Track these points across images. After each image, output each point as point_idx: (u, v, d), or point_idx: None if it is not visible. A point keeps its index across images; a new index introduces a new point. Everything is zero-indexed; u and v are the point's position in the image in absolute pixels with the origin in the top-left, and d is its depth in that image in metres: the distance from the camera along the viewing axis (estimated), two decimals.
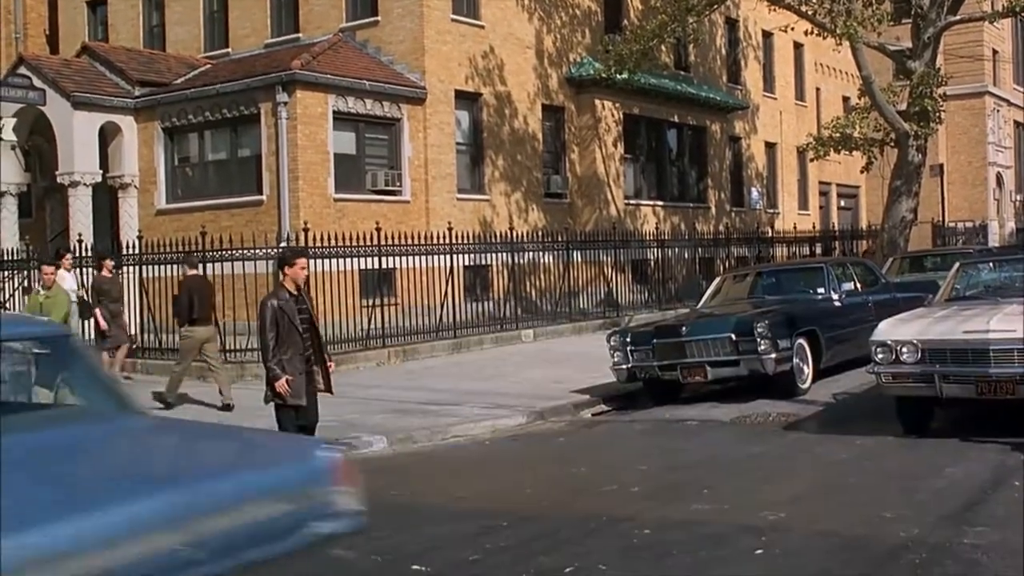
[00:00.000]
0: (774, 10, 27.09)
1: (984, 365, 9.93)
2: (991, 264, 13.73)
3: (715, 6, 25.40)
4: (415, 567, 7.05)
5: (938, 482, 8.76)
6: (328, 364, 9.71)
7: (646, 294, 28.04)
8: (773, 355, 13.37)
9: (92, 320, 17.16)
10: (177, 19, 29.55)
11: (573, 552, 7.18)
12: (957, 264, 12.96)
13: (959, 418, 11.39)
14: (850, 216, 46.82)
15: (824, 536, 7.29)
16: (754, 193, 36.95)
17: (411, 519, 8.53)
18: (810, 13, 25.00)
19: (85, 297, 17.66)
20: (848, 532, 7.34)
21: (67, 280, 17.17)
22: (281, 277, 9.56)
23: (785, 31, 31.34)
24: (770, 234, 33.71)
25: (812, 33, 25.75)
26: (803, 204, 41.25)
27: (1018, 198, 57.19)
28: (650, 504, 8.52)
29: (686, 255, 30.42)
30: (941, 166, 47.63)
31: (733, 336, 13.65)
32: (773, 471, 9.94)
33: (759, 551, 6.96)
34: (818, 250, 35.48)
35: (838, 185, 45.74)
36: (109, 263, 17.81)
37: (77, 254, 20.07)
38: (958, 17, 26.03)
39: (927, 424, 11.01)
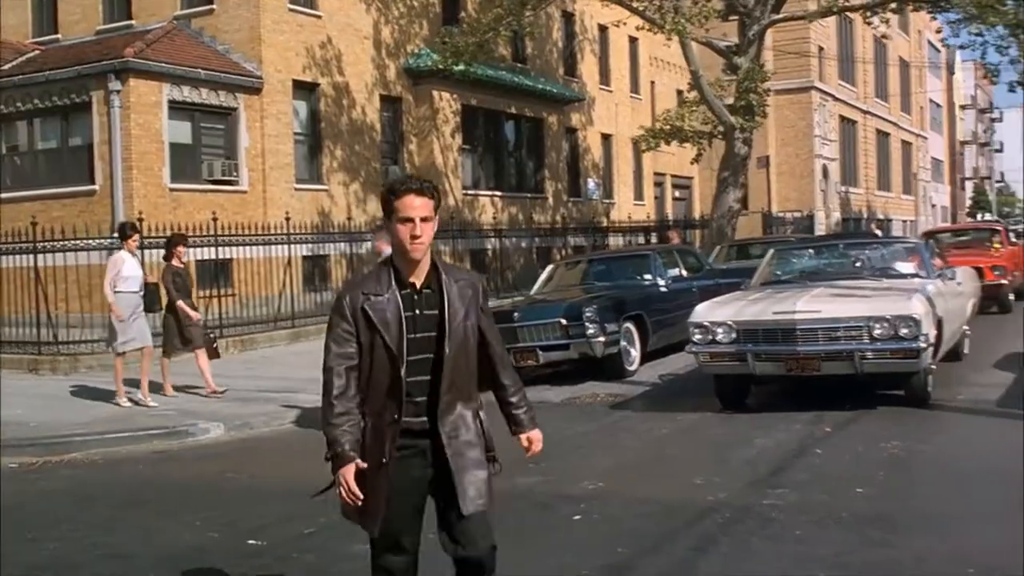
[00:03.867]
0: (608, 5, 27.78)
1: (792, 344, 10.61)
2: (803, 251, 14.54)
3: (549, 0, 25.92)
4: (251, 542, 7.26)
5: (749, 451, 9.37)
6: None
7: (485, 283, 28.42)
8: (601, 339, 13.92)
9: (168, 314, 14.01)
10: (6, 4, 28.71)
11: None
12: (771, 251, 13.72)
13: (773, 393, 12.13)
14: (684, 206, 48.24)
15: (641, 502, 7.77)
16: (591, 184, 37.78)
17: (247, 499, 8.74)
18: (640, 8, 25.76)
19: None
20: (663, 498, 7.85)
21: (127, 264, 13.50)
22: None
23: (618, 26, 32.12)
24: (605, 224, 34.53)
25: (644, 28, 26.53)
26: (638, 194, 42.33)
27: (843, 189, 59.59)
28: None
29: (524, 245, 31.00)
30: (767, 158, 49.29)
31: (563, 321, 14.15)
32: (598, 446, 10.43)
33: (577, 516, 7.44)
34: (653, 239, 36.51)
35: (672, 176, 47.01)
36: (181, 249, 14.18)
37: None
38: (781, 16, 27.18)
39: (743, 400, 11.69)
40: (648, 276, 16.26)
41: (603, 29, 38.65)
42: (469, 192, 30.90)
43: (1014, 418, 10.44)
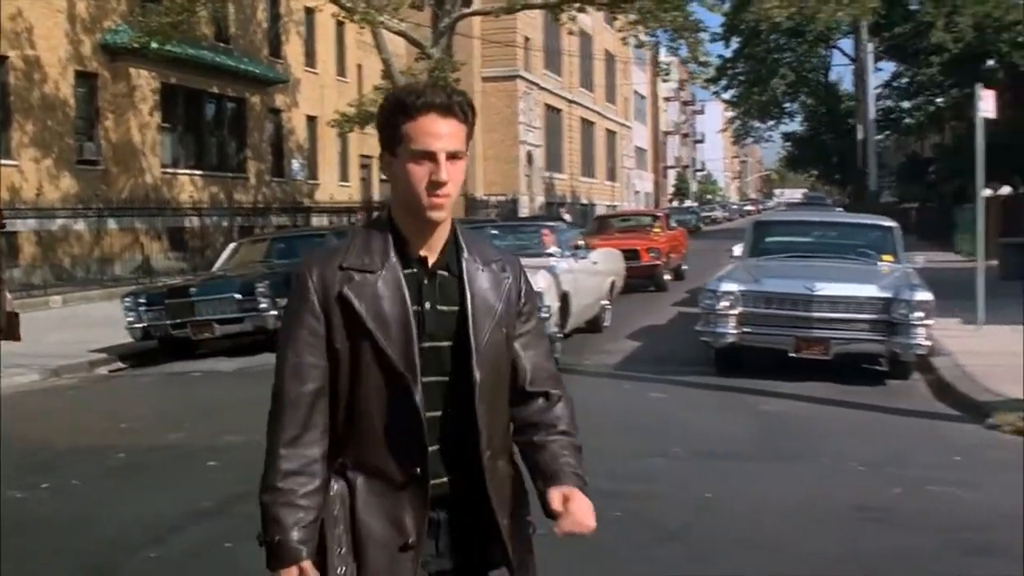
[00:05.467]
0: None
1: None
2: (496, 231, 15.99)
3: None
4: None
5: None
6: None
7: (184, 261, 28.79)
8: (273, 312, 14.86)
9: None
10: None
11: (62, 475, 8.31)
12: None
13: None
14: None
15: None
16: (295, 164, 38.38)
17: None
18: None
19: None
20: None
21: None
22: None
23: (320, 10, 32.85)
24: (308, 204, 35.30)
25: (339, 15, 27.45)
26: (344, 176, 43.20)
27: (548, 175, 62.37)
28: (133, 437, 9.77)
29: (225, 224, 31.38)
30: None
31: (238, 296, 15.04)
32: (254, 406, 11.39)
33: (213, 463, 8.45)
34: (357, 219, 37.54)
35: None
36: None
37: None
38: (470, 10, 28.75)
39: None
40: None
41: (310, 11, 39.23)
42: (168, 170, 30.93)
43: (620, 379, 12.15)
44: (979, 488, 7.31)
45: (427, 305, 2.56)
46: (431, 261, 2.59)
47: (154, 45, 26.10)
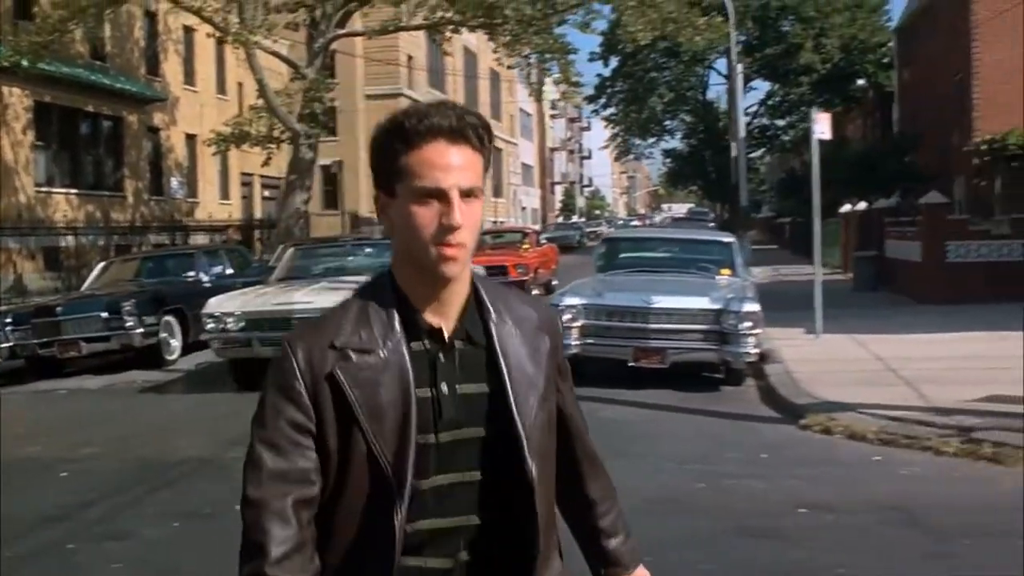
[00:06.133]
0: (176, 10, 28.46)
1: (289, 330, 12.36)
2: (319, 250, 16.44)
3: (117, 4, 26.44)
4: None
5: (242, 423, 11.00)
6: None
7: (59, 280, 28.66)
8: (140, 330, 15.19)
9: None
10: None
11: None
12: (291, 249, 15.50)
13: None
14: (275, 205, 49.49)
15: (125, 461, 9.25)
16: (174, 183, 38.28)
17: None
18: (208, 16, 26.68)
19: None
20: (144, 455, 9.38)
21: None
22: None
23: (197, 29, 32.93)
24: (186, 223, 35.31)
25: (213, 36, 27.67)
26: (224, 194, 43.19)
27: None
28: None
29: (101, 243, 31.26)
30: (340, 163, 51.92)
31: (104, 314, 15.32)
32: (111, 421, 11.78)
33: (65, 473, 8.84)
34: (227, 237, 37.62)
35: (262, 176, 48.12)
36: None
37: None
38: (345, 31, 29.14)
39: (259, 380, 13.28)
40: (192, 273, 17.63)
41: (188, 30, 39.19)
42: (43, 189, 30.69)
43: None
44: (772, 480, 8.04)
45: (443, 387, 2.03)
46: (447, 330, 2.06)
47: (25, 64, 25.96)
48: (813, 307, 15.92)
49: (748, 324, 11.88)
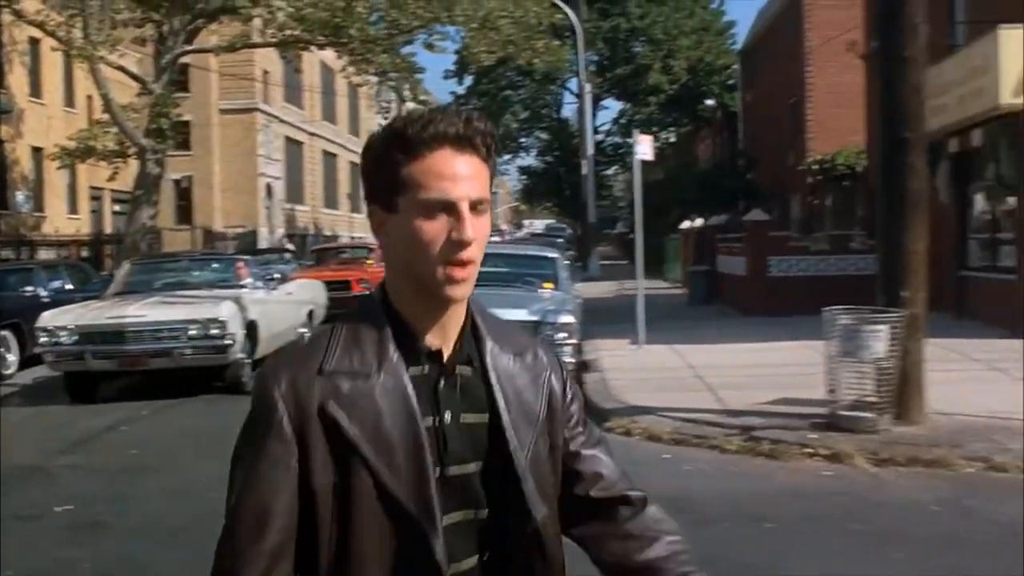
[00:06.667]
0: (19, 24, 28.20)
1: (123, 343, 12.69)
2: (156, 265, 16.70)
3: None
4: None
5: (71, 432, 11.32)
6: None
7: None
8: None
9: None
10: None
11: None
12: (127, 264, 15.73)
13: (124, 388, 14.11)
14: (126, 220, 48.87)
15: None
16: (19, 196, 37.64)
17: None
18: (51, 31, 26.51)
19: None
20: None
21: None
22: None
23: (43, 40, 32.52)
24: (31, 237, 34.80)
25: (57, 50, 27.47)
26: (73, 208, 42.56)
27: (289, 207, 62.75)
28: None
29: None
30: (191, 177, 51.72)
31: None
32: None
33: None
34: (84, 253, 37.22)
35: (112, 191, 47.50)
36: None
37: None
38: (193, 47, 29.23)
39: (93, 393, 13.54)
40: (30, 288, 17.67)
41: (34, 41, 38.60)
42: None
43: None
44: None
45: (447, 416, 1.84)
46: (447, 354, 1.87)
47: None
48: (648, 319, 16.71)
49: (563, 335, 12.53)
